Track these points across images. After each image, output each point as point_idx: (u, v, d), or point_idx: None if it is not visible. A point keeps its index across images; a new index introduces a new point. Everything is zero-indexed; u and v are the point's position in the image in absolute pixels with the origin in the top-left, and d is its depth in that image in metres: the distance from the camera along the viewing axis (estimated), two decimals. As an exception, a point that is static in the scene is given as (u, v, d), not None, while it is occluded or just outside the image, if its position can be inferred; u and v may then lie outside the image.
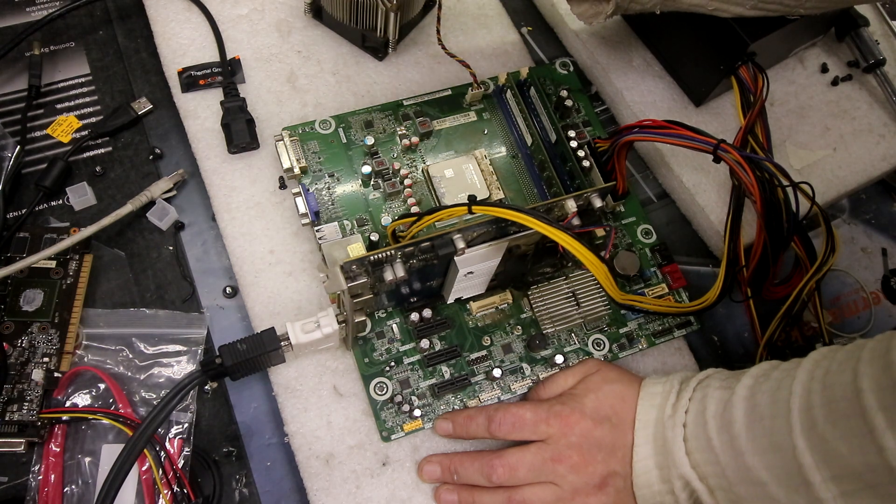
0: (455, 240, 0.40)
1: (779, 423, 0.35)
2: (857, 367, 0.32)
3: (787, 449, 0.34)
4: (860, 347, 0.33)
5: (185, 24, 0.56)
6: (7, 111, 0.53)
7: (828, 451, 0.33)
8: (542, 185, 0.51)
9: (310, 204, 0.47)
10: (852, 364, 0.33)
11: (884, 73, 0.57)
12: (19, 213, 0.49)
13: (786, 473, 0.35)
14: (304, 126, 0.51)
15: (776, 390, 0.36)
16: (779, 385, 0.36)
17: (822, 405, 0.33)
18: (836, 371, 0.34)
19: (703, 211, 0.52)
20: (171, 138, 0.54)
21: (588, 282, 0.49)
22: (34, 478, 0.42)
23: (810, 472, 0.33)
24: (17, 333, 0.44)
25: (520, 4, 0.63)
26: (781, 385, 0.36)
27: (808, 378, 0.35)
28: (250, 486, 0.44)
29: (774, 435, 0.35)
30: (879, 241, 0.57)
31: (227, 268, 0.50)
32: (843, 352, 0.34)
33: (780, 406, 0.35)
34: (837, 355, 0.34)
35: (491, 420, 0.43)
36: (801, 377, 0.35)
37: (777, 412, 0.35)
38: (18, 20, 0.57)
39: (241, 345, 0.40)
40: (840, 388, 0.33)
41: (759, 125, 0.51)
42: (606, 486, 0.41)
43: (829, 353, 0.35)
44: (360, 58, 0.57)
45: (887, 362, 0.31)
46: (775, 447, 0.35)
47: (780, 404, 0.35)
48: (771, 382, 0.37)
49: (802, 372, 0.35)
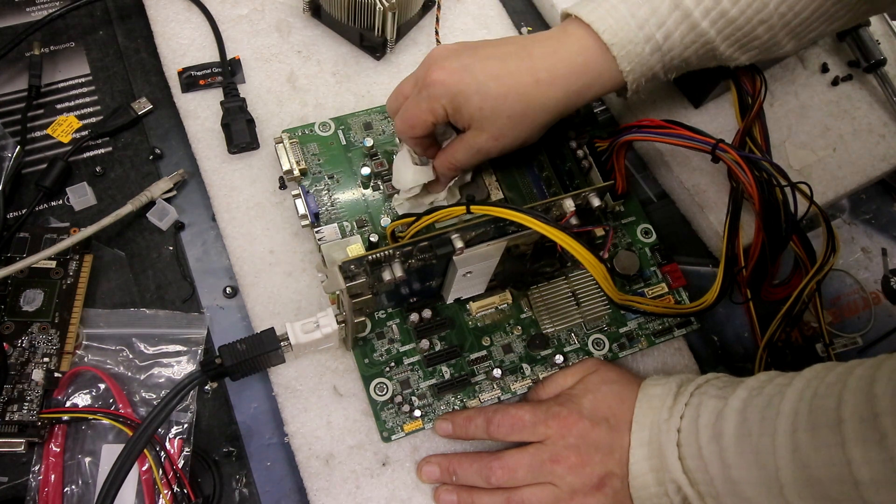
0: (453, 240, 0.40)
1: (765, 441, 0.35)
2: (843, 395, 0.32)
3: (770, 468, 0.34)
4: (849, 372, 0.33)
5: (185, 24, 0.56)
6: (7, 111, 0.53)
7: (808, 475, 0.33)
8: (541, 185, 0.51)
9: (309, 206, 0.47)
10: (838, 390, 0.33)
11: (884, 73, 0.57)
12: (19, 213, 0.49)
13: (768, 491, 0.35)
14: (303, 128, 0.51)
15: (766, 407, 0.36)
16: (769, 402, 0.36)
17: (806, 429, 0.33)
18: (823, 395, 0.34)
19: (702, 211, 0.52)
20: (171, 138, 0.54)
21: (588, 281, 0.49)
22: (34, 478, 0.42)
23: (790, 493, 0.33)
24: (18, 333, 0.45)
25: (520, 4, 0.63)
26: (772, 402, 0.36)
27: (796, 399, 0.35)
28: (250, 486, 0.44)
29: (760, 453, 0.35)
30: (879, 241, 0.57)
31: (227, 268, 0.50)
32: (834, 374, 0.34)
33: (768, 424, 0.35)
34: (828, 377, 0.34)
35: (490, 421, 0.43)
36: (791, 397, 0.35)
37: (764, 430, 0.35)
38: (18, 20, 0.57)
39: (241, 345, 0.40)
40: (824, 414, 0.33)
41: (758, 127, 0.51)
42: (604, 486, 0.41)
43: (822, 372, 0.35)
44: (360, 58, 0.57)
45: (871, 395, 0.31)
46: (760, 465, 0.35)
47: (768, 423, 0.35)
48: (762, 398, 0.37)
49: (792, 391, 0.35)
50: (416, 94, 0.43)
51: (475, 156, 0.44)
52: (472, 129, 0.42)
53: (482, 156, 0.44)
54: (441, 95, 0.41)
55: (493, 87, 0.41)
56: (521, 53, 0.42)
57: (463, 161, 0.44)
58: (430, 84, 0.41)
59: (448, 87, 0.41)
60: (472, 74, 0.41)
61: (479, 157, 0.44)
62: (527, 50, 0.42)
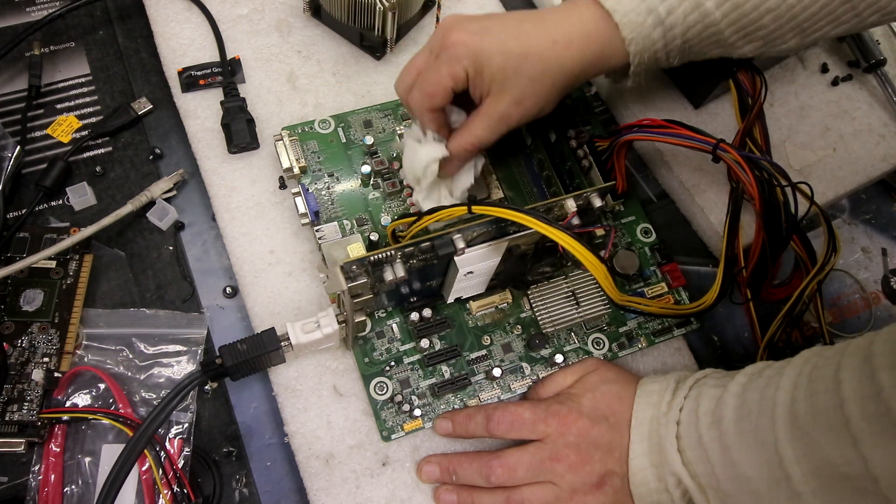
0: (455, 240, 0.40)
1: (764, 417, 0.35)
2: (841, 361, 0.33)
3: (769, 442, 0.34)
4: (847, 343, 0.34)
5: (185, 24, 0.56)
6: (7, 111, 0.53)
7: (808, 445, 0.33)
8: (541, 185, 0.51)
9: (309, 204, 0.47)
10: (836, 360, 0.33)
11: (884, 73, 0.57)
12: (19, 213, 0.49)
13: (768, 467, 0.35)
14: (303, 126, 0.51)
15: (765, 387, 0.36)
16: (768, 382, 0.36)
17: (804, 398, 0.33)
18: (821, 366, 0.34)
19: (702, 211, 0.52)
20: (171, 138, 0.54)
21: (588, 281, 0.49)
22: (34, 478, 0.42)
23: (790, 465, 0.33)
24: (17, 333, 0.45)
25: (520, 4, 0.63)
26: (770, 382, 0.36)
27: (795, 374, 0.35)
28: (250, 486, 0.44)
29: (759, 430, 0.35)
30: (879, 241, 0.57)
31: (227, 268, 0.50)
32: (832, 348, 0.35)
33: (767, 401, 0.35)
34: (826, 352, 0.35)
35: (489, 419, 0.43)
36: (790, 373, 0.35)
37: (763, 407, 0.36)
38: (18, 20, 0.57)
39: (242, 345, 0.41)
40: (823, 382, 0.33)
41: (758, 127, 0.51)
42: (604, 485, 0.41)
43: (821, 350, 0.36)
44: (360, 58, 0.57)
45: (869, 354, 0.31)
46: (759, 442, 0.35)
47: (767, 400, 0.35)
48: (762, 380, 0.37)
49: (791, 369, 0.36)
50: (434, 59, 0.42)
51: (496, 125, 0.43)
52: (492, 95, 0.42)
53: (503, 125, 0.43)
54: (462, 56, 0.41)
55: (514, 45, 0.41)
56: (534, 19, 0.43)
57: (483, 135, 0.43)
58: (450, 46, 0.41)
59: (469, 47, 0.41)
60: (492, 34, 0.41)
61: (499, 128, 0.43)
62: (539, 16, 0.43)
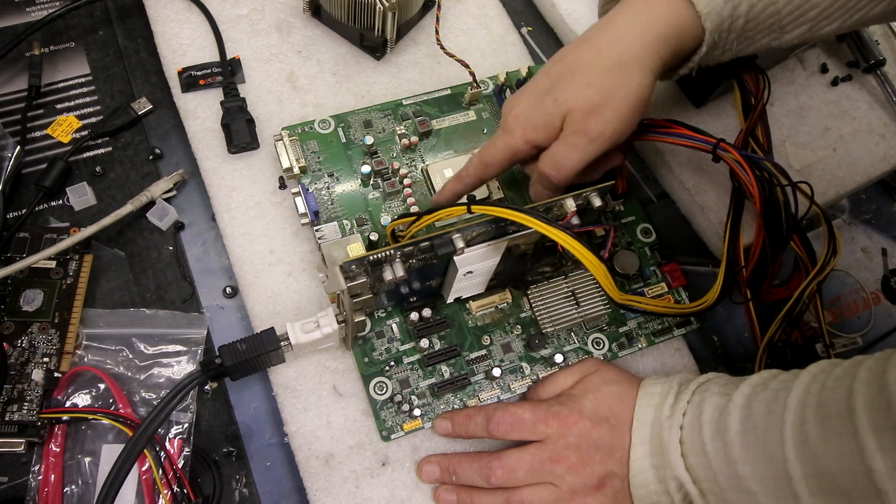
0: (454, 239, 0.40)
1: (772, 434, 0.35)
2: (853, 385, 0.32)
3: (777, 460, 0.34)
4: (858, 364, 0.33)
5: (185, 24, 0.56)
6: (7, 111, 0.53)
7: (817, 466, 0.33)
8: (541, 185, 0.51)
9: (309, 203, 0.47)
10: (848, 382, 0.33)
11: (884, 73, 0.57)
12: (19, 213, 0.49)
13: (775, 484, 0.35)
14: (303, 126, 0.51)
15: (772, 401, 0.36)
16: (775, 396, 0.36)
17: (815, 421, 0.33)
18: (831, 388, 0.34)
19: (702, 211, 0.52)
20: (171, 138, 0.54)
21: (587, 281, 0.49)
22: (34, 478, 0.42)
23: (798, 484, 0.33)
24: (17, 333, 0.45)
25: (520, 4, 0.63)
26: (777, 397, 0.36)
27: (804, 392, 0.35)
28: (250, 486, 0.44)
29: (767, 446, 0.35)
30: (879, 241, 0.57)
31: (227, 268, 0.50)
32: (841, 368, 0.34)
33: (775, 418, 0.35)
34: (835, 371, 0.35)
35: (490, 419, 0.43)
36: (798, 390, 0.35)
37: (771, 424, 0.35)
38: (18, 20, 0.57)
39: (241, 345, 0.41)
40: (834, 405, 0.33)
41: (760, 127, 0.51)
42: (604, 486, 0.41)
43: (828, 367, 0.36)
44: (360, 58, 0.57)
45: (882, 383, 0.31)
46: (767, 458, 0.35)
47: (775, 416, 0.35)
48: (768, 393, 0.37)
49: (799, 385, 0.35)
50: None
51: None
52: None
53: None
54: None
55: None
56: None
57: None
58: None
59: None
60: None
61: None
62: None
